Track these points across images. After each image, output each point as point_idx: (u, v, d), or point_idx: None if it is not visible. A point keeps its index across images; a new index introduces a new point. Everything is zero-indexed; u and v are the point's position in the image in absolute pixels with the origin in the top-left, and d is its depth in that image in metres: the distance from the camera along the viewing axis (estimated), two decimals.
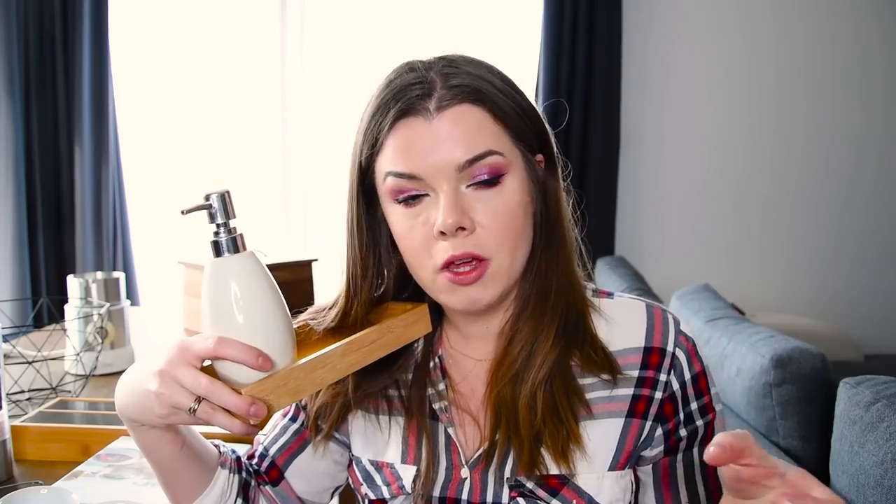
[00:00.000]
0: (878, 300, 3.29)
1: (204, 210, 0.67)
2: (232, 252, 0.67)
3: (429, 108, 0.68)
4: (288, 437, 0.86)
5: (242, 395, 0.63)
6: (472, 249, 0.69)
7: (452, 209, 0.67)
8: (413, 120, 0.69)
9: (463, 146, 0.68)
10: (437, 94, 0.69)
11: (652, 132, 3.21)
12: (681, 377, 0.74)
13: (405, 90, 0.69)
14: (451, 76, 0.70)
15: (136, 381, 0.69)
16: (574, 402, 0.73)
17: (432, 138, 0.68)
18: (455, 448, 0.78)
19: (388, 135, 0.70)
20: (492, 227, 0.69)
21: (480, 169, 0.68)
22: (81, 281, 1.54)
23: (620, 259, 2.74)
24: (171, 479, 0.77)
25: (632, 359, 0.74)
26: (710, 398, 0.75)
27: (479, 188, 0.69)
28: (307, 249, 3.17)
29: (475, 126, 0.69)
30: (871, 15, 3.18)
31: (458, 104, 0.69)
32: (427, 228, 0.70)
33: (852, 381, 1.21)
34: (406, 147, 0.69)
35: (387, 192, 0.71)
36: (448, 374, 0.80)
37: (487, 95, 0.70)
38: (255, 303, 0.66)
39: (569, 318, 0.74)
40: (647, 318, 0.76)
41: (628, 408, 0.74)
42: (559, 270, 0.75)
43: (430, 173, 0.68)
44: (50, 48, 2.80)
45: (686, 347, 0.75)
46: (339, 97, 3.09)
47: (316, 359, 0.67)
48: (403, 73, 0.71)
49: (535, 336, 0.74)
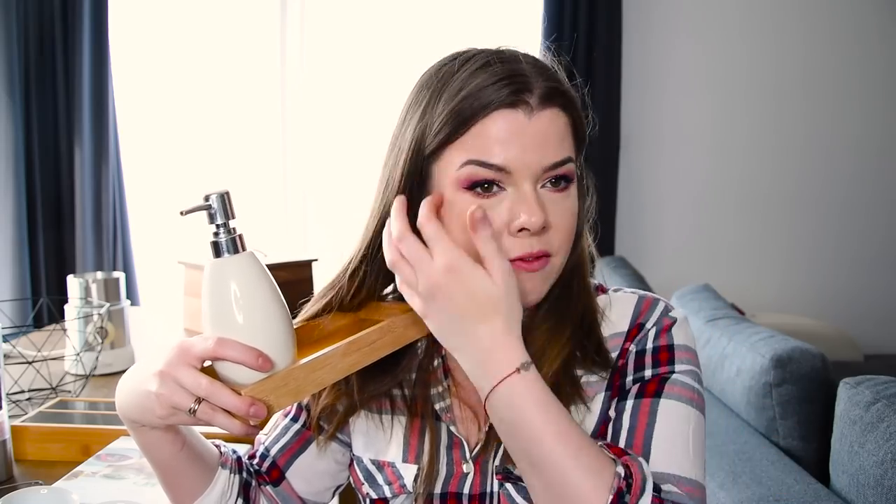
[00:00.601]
0: (878, 300, 3.29)
1: (203, 211, 0.67)
2: (232, 252, 0.67)
3: (530, 105, 0.68)
4: (289, 437, 0.86)
5: (242, 396, 0.63)
6: (545, 247, 0.69)
7: (539, 209, 0.67)
8: (512, 112, 0.67)
9: (553, 149, 0.68)
10: (538, 92, 0.68)
11: (652, 132, 3.21)
12: (642, 344, 0.75)
13: (503, 81, 0.67)
14: (540, 75, 0.69)
15: (137, 382, 0.69)
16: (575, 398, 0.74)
17: (529, 135, 0.67)
18: (458, 445, 0.78)
19: (482, 122, 0.67)
20: (561, 228, 0.70)
21: (559, 173, 0.69)
22: (81, 281, 1.54)
23: (620, 259, 2.74)
24: (172, 480, 0.77)
25: (616, 341, 0.77)
26: (666, 369, 0.73)
27: (551, 191, 0.70)
28: (307, 249, 3.17)
29: (563, 131, 0.70)
30: (872, 14, 3.18)
31: (553, 106, 0.69)
32: (499, 222, 0.68)
33: (852, 381, 1.21)
34: (501, 138, 0.67)
35: (458, 180, 0.68)
36: (451, 374, 0.81)
37: (573, 104, 0.71)
38: (254, 303, 0.66)
39: (583, 324, 0.76)
40: (635, 305, 0.78)
41: (607, 382, 0.76)
42: (578, 277, 0.77)
43: (518, 169, 0.68)
44: (50, 48, 2.80)
45: (663, 324, 0.76)
46: (339, 97, 3.09)
47: (316, 359, 0.67)
48: (496, 61, 0.69)
49: (548, 338, 0.75)
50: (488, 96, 0.67)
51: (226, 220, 0.67)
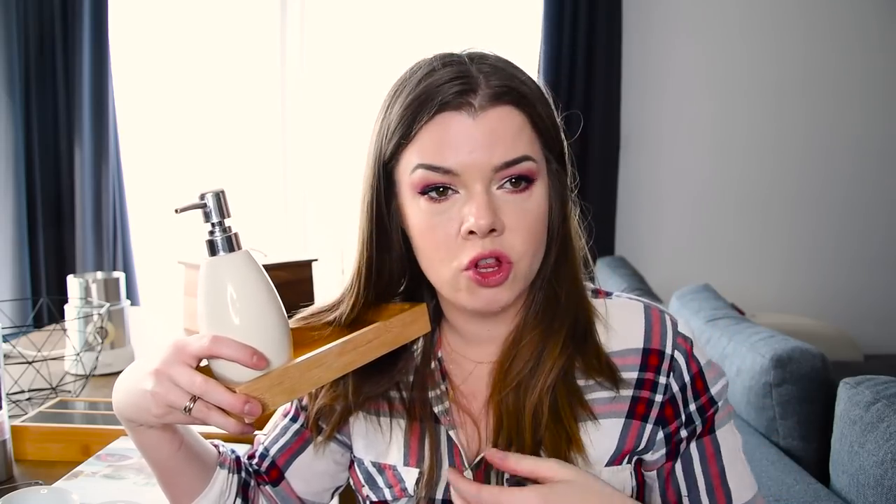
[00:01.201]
0: (878, 300, 3.29)
1: (199, 209, 0.67)
2: (227, 251, 0.67)
3: (473, 105, 0.67)
4: (288, 437, 0.86)
5: (236, 394, 0.63)
6: (500, 249, 0.68)
7: (486, 210, 0.66)
8: (454, 115, 0.67)
9: (502, 148, 0.67)
10: (482, 92, 0.67)
11: (652, 132, 3.21)
12: (680, 380, 0.74)
13: (449, 83, 0.67)
14: (493, 75, 0.69)
15: (133, 381, 0.69)
16: (576, 408, 0.73)
17: (474, 135, 0.67)
18: (457, 451, 0.77)
19: (426, 126, 0.68)
20: (519, 230, 0.68)
21: (514, 172, 0.68)
22: (81, 281, 1.54)
23: (620, 259, 2.74)
24: (170, 479, 0.77)
25: (630, 360, 0.74)
26: (707, 398, 0.75)
27: (508, 192, 0.68)
28: (307, 249, 3.17)
29: (516, 129, 0.68)
30: (872, 14, 3.18)
31: (502, 105, 0.68)
32: (453, 225, 0.68)
33: (852, 381, 1.21)
34: (444, 141, 0.67)
35: (412, 185, 0.69)
36: (448, 377, 0.80)
37: (529, 100, 0.69)
38: (250, 301, 0.66)
39: (577, 328, 0.74)
40: (644, 319, 0.76)
41: (628, 408, 0.74)
42: (569, 280, 0.75)
43: (465, 170, 0.67)
44: (50, 48, 2.80)
45: (684, 349, 0.75)
46: (339, 97, 3.09)
47: (312, 358, 0.67)
48: (441, 66, 0.69)
49: (542, 344, 0.74)
50: (431, 100, 0.67)
51: (221, 219, 0.67)
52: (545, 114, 0.71)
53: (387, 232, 0.74)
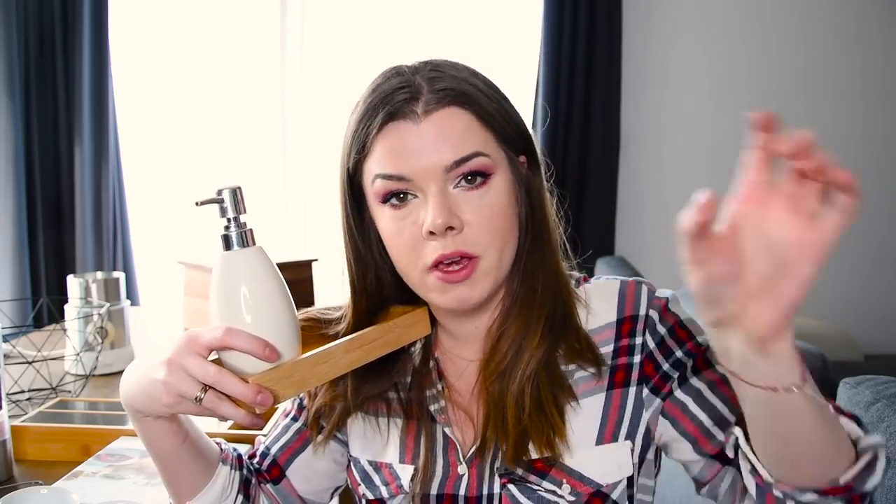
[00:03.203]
0: (878, 300, 3.29)
1: (216, 204, 0.69)
2: (242, 246, 0.68)
3: (416, 111, 0.70)
4: (289, 436, 0.87)
5: (249, 384, 0.64)
6: (462, 247, 0.70)
7: (441, 209, 0.68)
8: (401, 123, 0.70)
9: (450, 148, 0.69)
10: (424, 98, 0.70)
11: (652, 132, 3.21)
12: (655, 334, 0.75)
13: (392, 94, 0.70)
14: (437, 80, 0.71)
15: (143, 371, 0.69)
16: (559, 394, 0.74)
17: (420, 140, 0.69)
18: (453, 447, 0.78)
19: (376, 138, 0.71)
20: (480, 225, 0.70)
21: (467, 169, 0.70)
22: (81, 281, 1.54)
23: (620, 259, 2.74)
24: (173, 474, 0.78)
25: (606, 334, 0.76)
26: (693, 344, 0.74)
27: (466, 189, 0.70)
28: (307, 249, 3.17)
29: (462, 128, 0.70)
30: (872, 14, 3.18)
31: (445, 107, 0.70)
32: (415, 229, 0.70)
33: (852, 381, 1.21)
34: (394, 149, 0.70)
35: (375, 195, 0.72)
36: (444, 376, 0.82)
37: (473, 98, 0.71)
38: (263, 296, 0.67)
39: (555, 315, 0.75)
40: (619, 292, 0.77)
41: (608, 381, 0.75)
42: (545, 270, 0.76)
43: (418, 174, 0.69)
44: (50, 48, 2.80)
45: (658, 306, 0.76)
46: (339, 97, 3.08)
47: (321, 353, 0.69)
48: (389, 78, 0.72)
49: (522, 334, 0.75)
50: (378, 112, 0.70)
51: (237, 214, 0.69)
52: (494, 109, 0.72)
53: (366, 244, 0.77)
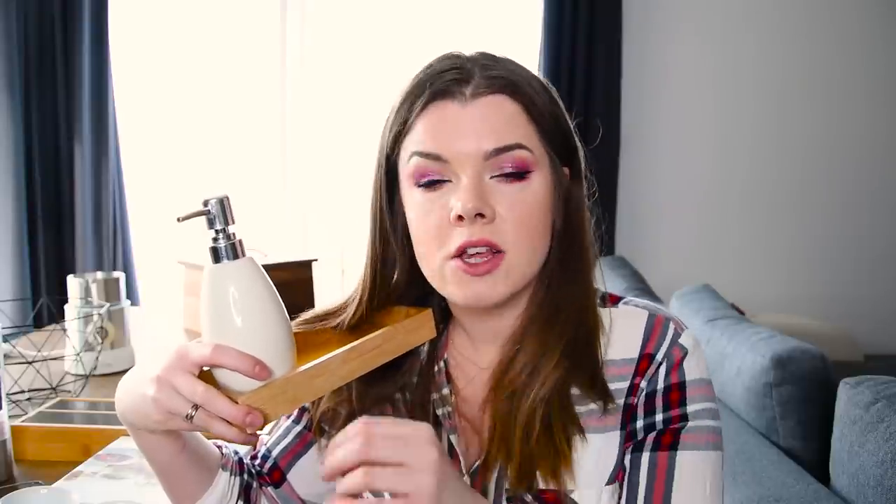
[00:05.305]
0: (878, 300, 3.29)
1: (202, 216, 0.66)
2: (231, 258, 0.66)
3: (464, 93, 0.68)
4: (291, 438, 0.86)
5: (238, 405, 0.62)
6: (490, 237, 0.67)
7: (473, 193, 0.66)
8: (447, 103, 0.68)
9: (493, 135, 0.67)
10: (475, 81, 0.69)
11: (652, 132, 3.21)
12: (653, 385, 0.71)
13: (442, 74, 0.69)
14: (491, 67, 0.70)
15: (134, 385, 0.68)
16: (567, 423, 0.71)
17: (464, 122, 0.67)
18: (456, 456, 0.76)
19: (420, 115, 0.69)
20: (511, 219, 0.68)
21: (507, 161, 0.68)
22: (81, 281, 1.54)
23: (620, 259, 2.74)
24: (172, 481, 0.77)
25: (625, 369, 0.72)
26: (679, 413, 0.70)
27: (502, 181, 0.68)
28: (307, 249, 3.17)
29: (508, 117, 0.68)
30: (875, 14, 3.18)
31: (494, 93, 0.68)
32: (444, 213, 0.68)
33: (852, 381, 1.21)
34: (436, 127, 0.68)
35: (409, 174, 0.70)
36: (452, 380, 0.79)
37: (524, 90, 0.69)
38: (253, 310, 0.65)
39: (577, 338, 0.72)
40: (645, 326, 0.73)
41: (621, 419, 0.72)
42: (573, 287, 0.73)
43: (456, 157, 0.67)
44: (50, 48, 2.80)
45: (673, 357, 0.71)
46: (340, 97, 3.09)
47: (315, 366, 0.66)
48: (443, 60, 0.71)
49: (540, 353, 0.72)
50: (424, 91, 0.69)
51: (225, 226, 0.66)
52: (542, 104, 0.71)
53: (392, 232, 0.75)
